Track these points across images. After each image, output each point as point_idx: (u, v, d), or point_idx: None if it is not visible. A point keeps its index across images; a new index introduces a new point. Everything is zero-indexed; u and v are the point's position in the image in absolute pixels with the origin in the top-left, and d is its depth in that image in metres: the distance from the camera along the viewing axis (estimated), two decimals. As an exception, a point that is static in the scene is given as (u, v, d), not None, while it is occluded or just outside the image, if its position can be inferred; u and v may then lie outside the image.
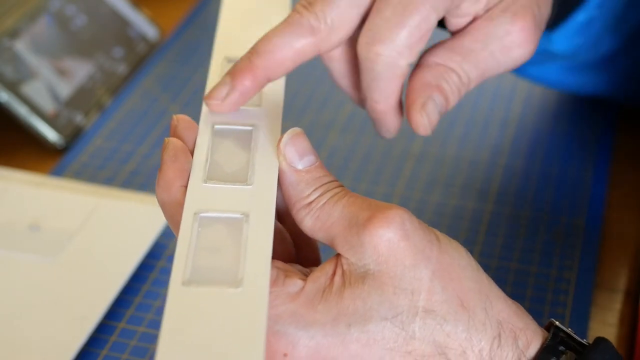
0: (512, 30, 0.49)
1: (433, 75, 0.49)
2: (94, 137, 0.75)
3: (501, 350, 0.42)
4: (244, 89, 0.47)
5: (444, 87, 0.49)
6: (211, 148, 0.46)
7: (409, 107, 0.49)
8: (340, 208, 0.43)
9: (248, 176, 0.44)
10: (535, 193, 0.68)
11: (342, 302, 0.41)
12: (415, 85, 0.49)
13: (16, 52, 0.74)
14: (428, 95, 0.49)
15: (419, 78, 0.50)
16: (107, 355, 0.56)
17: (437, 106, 0.49)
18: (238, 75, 0.47)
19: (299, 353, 0.41)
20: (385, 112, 0.50)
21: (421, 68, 0.50)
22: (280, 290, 0.41)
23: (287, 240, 0.46)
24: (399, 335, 0.41)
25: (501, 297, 0.43)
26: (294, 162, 0.44)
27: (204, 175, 0.44)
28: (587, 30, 0.60)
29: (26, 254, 0.61)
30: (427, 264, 0.42)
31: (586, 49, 0.62)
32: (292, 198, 0.44)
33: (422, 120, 0.49)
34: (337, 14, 0.48)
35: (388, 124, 0.51)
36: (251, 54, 0.48)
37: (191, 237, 0.42)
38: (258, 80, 0.47)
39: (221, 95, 0.47)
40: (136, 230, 0.63)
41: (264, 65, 0.47)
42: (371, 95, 0.49)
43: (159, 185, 0.44)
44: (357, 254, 0.42)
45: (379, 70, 0.48)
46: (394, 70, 0.48)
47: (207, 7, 0.91)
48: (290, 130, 0.45)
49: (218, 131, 0.47)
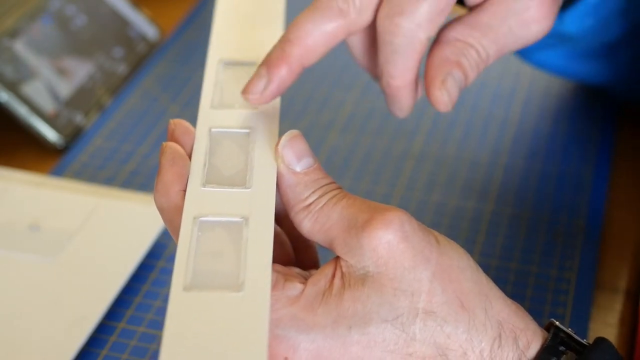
0: (531, 5, 0.49)
1: (452, 51, 0.49)
2: (94, 137, 0.75)
3: (502, 350, 0.42)
4: (281, 79, 0.47)
5: (463, 63, 0.49)
6: (209, 152, 0.46)
7: (428, 84, 0.49)
8: (338, 210, 0.43)
9: (246, 179, 0.44)
10: (536, 193, 0.68)
11: (342, 305, 0.41)
12: (435, 62, 0.49)
13: (16, 52, 0.74)
14: (447, 71, 0.49)
15: (438, 54, 0.49)
16: (107, 355, 0.56)
17: (456, 82, 0.49)
18: (273, 66, 0.47)
19: (300, 356, 0.41)
20: (401, 88, 0.49)
21: (440, 44, 0.50)
22: (280, 293, 0.41)
23: (286, 243, 0.46)
24: (399, 337, 0.41)
25: (501, 298, 0.43)
26: (292, 165, 0.44)
27: (202, 179, 0.44)
28: (598, 11, 0.60)
29: (26, 254, 0.61)
30: (426, 265, 0.42)
31: (595, 32, 0.62)
32: (290, 200, 0.44)
33: (442, 97, 0.49)
34: None
35: (402, 102, 0.50)
36: (283, 42, 0.48)
37: (191, 242, 0.42)
38: (293, 68, 0.47)
39: (259, 88, 0.47)
40: (136, 230, 0.63)
41: (297, 53, 0.47)
42: (388, 70, 0.49)
43: (157, 190, 0.44)
44: (356, 256, 0.42)
45: (398, 43, 0.48)
46: (413, 44, 0.48)
47: (207, 7, 0.91)
48: (287, 133, 0.45)
49: (215, 134, 0.47)
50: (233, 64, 0.51)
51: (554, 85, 0.79)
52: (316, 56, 0.48)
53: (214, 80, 0.50)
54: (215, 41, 0.52)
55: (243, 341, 0.38)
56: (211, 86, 0.49)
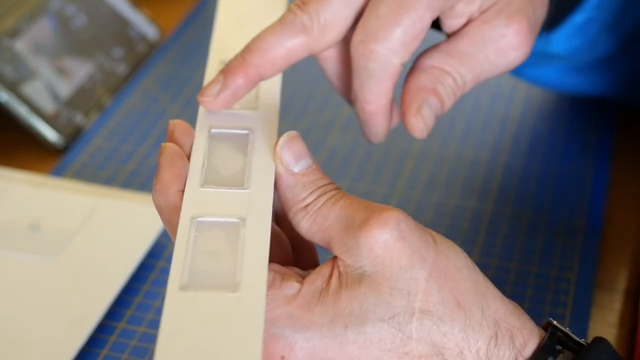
0: (507, 33, 0.49)
1: (428, 78, 0.49)
2: (94, 137, 0.75)
3: (498, 349, 0.42)
4: (236, 87, 0.47)
5: (440, 91, 0.49)
6: (208, 152, 0.46)
7: (404, 111, 0.49)
8: (336, 210, 0.43)
9: (245, 180, 0.44)
10: (535, 193, 0.68)
11: (339, 304, 0.41)
12: (411, 89, 0.49)
13: (16, 52, 0.74)
14: (423, 98, 0.49)
15: (415, 81, 0.49)
16: (107, 355, 0.56)
17: (432, 109, 0.49)
18: (230, 73, 0.47)
19: (296, 355, 0.41)
20: (376, 113, 0.50)
21: (416, 71, 0.50)
22: (277, 292, 0.41)
23: (285, 243, 0.46)
24: (395, 337, 0.41)
25: (498, 297, 0.43)
26: (291, 166, 0.44)
27: (200, 179, 0.44)
28: (585, 31, 0.60)
29: (26, 254, 0.61)
30: (423, 264, 0.42)
31: (584, 51, 0.62)
32: (288, 201, 0.44)
33: (417, 124, 0.49)
34: (331, 14, 0.48)
35: (377, 126, 0.50)
36: (244, 52, 0.48)
37: (188, 242, 0.42)
38: (250, 77, 0.47)
39: (213, 92, 0.47)
40: (136, 230, 0.63)
41: (256, 63, 0.47)
42: (363, 95, 0.49)
43: (156, 189, 0.44)
44: (353, 256, 0.42)
45: (372, 69, 0.48)
46: (387, 69, 0.48)
47: (207, 7, 0.91)
48: (286, 134, 0.45)
49: (214, 135, 0.47)
50: None
51: (554, 85, 0.79)
52: (275, 69, 0.48)
53: None
54: (216, 42, 0.52)
55: (238, 342, 0.38)
56: None
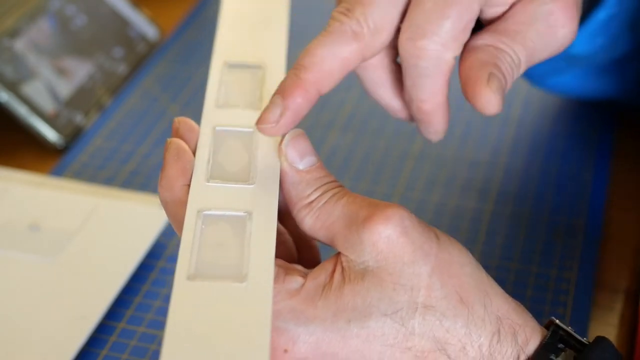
0: (555, 9, 0.47)
1: (487, 55, 0.46)
2: (94, 137, 0.75)
3: (500, 345, 0.42)
4: (297, 107, 0.45)
5: (501, 66, 0.46)
6: (213, 148, 0.46)
7: (472, 87, 0.45)
8: (340, 207, 0.43)
9: (250, 176, 0.45)
10: (535, 193, 0.68)
11: (342, 299, 0.41)
12: (473, 64, 0.46)
13: (16, 52, 0.74)
14: (489, 71, 0.46)
15: (473, 59, 0.46)
16: (107, 355, 0.56)
17: (500, 83, 0.46)
18: (288, 94, 0.45)
19: (299, 349, 0.41)
20: (433, 111, 0.48)
21: (471, 51, 0.47)
22: (281, 286, 0.42)
23: (289, 242, 0.47)
24: (398, 331, 0.41)
25: (500, 294, 0.43)
26: (295, 163, 0.45)
27: (206, 174, 0.45)
28: (608, 28, 0.60)
29: (26, 254, 0.61)
30: (426, 260, 0.42)
31: (605, 49, 0.61)
32: (293, 198, 0.44)
33: (491, 96, 0.45)
34: (379, 16, 0.46)
35: (436, 125, 0.48)
36: (297, 69, 0.45)
37: (195, 234, 0.42)
38: (309, 95, 0.45)
39: (274, 117, 0.45)
40: (136, 230, 0.63)
41: (313, 79, 0.45)
42: (417, 95, 0.47)
43: (161, 184, 0.44)
44: (357, 252, 0.42)
45: (425, 66, 0.46)
46: (440, 65, 0.46)
47: (207, 7, 0.91)
48: (291, 132, 0.45)
49: (220, 132, 0.47)
50: (237, 66, 0.51)
51: (554, 85, 0.79)
52: (333, 82, 0.46)
53: (218, 80, 0.50)
54: (219, 43, 0.53)
55: (246, 331, 0.38)
56: (216, 86, 0.50)
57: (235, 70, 0.51)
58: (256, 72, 0.51)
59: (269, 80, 0.50)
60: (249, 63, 0.51)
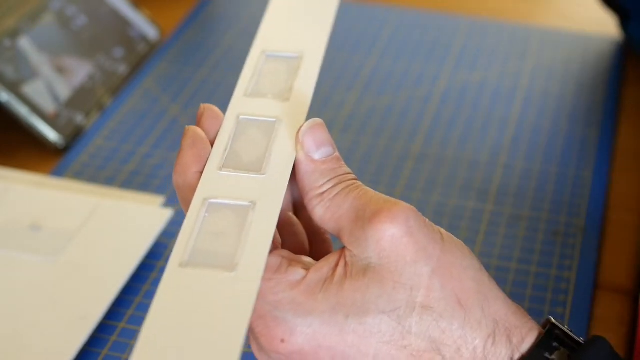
0: None
1: None
2: (94, 137, 0.75)
3: (495, 348, 0.42)
4: None
5: None
6: (233, 137, 0.46)
7: None
8: (350, 200, 0.43)
9: (263, 166, 0.45)
10: (535, 193, 0.68)
11: (342, 293, 0.42)
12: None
13: (17, 52, 0.74)
14: None
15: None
16: (107, 355, 0.56)
17: None
18: None
19: (296, 340, 0.41)
20: None
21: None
22: (282, 277, 0.42)
23: (301, 235, 0.47)
24: (395, 330, 0.41)
25: (500, 298, 0.43)
26: (311, 152, 0.45)
27: (220, 162, 0.45)
28: None
29: (27, 254, 0.61)
30: (428, 261, 0.42)
31: None
32: (305, 187, 0.45)
33: None
34: None
35: None
36: None
37: (196, 222, 0.42)
38: None
39: None
40: (136, 230, 0.63)
41: None
42: None
43: (176, 170, 0.45)
44: (361, 247, 0.42)
45: None
46: None
47: (207, 7, 0.91)
48: (310, 121, 0.46)
49: (242, 121, 0.47)
50: (275, 56, 0.51)
51: (554, 85, 0.79)
52: None
53: (253, 69, 0.50)
54: (262, 32, 0.53)
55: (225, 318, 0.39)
56: (249, 75, 0.50)
57: (272, 60, 0.51)
58: (292, 63, 0.51)
59: (302, 71, 0.50)
60: (287, 53, 0.51)
